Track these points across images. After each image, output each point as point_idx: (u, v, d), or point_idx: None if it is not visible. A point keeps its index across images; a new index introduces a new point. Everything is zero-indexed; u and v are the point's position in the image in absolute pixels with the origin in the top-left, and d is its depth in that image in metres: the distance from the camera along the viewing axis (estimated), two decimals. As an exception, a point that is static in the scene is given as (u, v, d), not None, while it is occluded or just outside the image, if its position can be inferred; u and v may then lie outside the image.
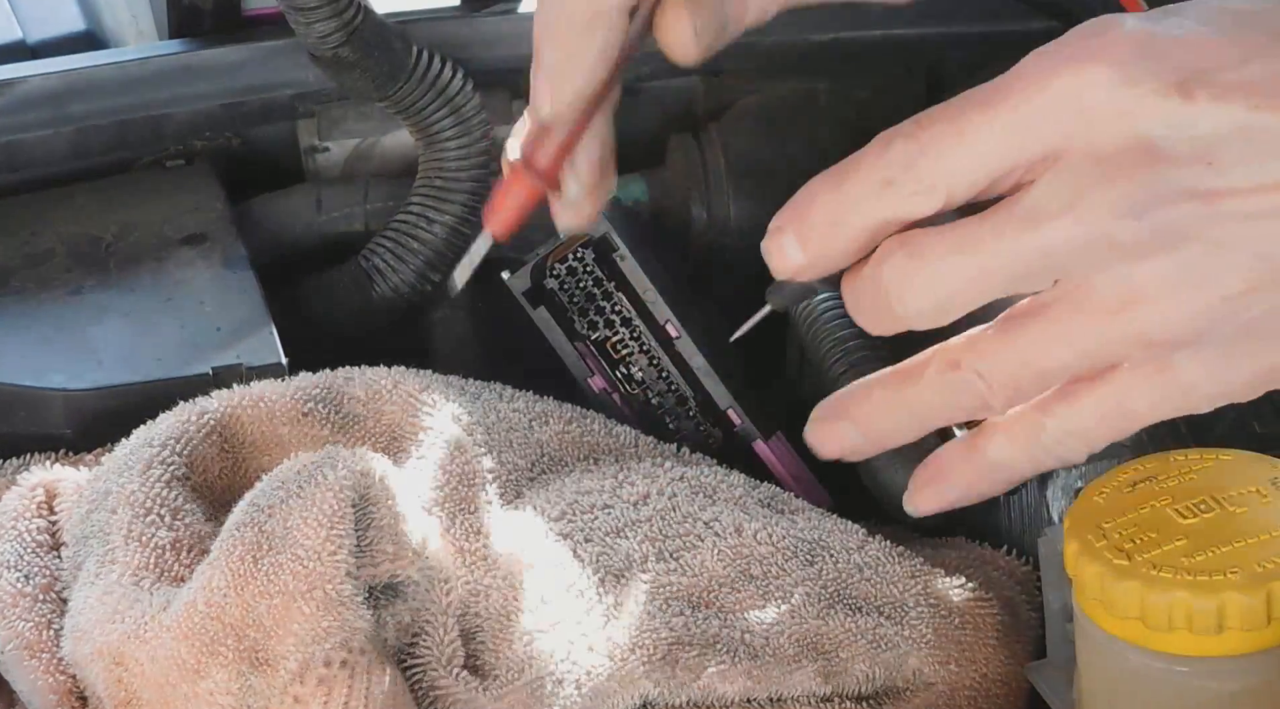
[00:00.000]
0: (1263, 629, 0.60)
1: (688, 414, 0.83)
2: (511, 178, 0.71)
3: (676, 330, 0.82)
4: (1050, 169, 0.63)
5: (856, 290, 0.67)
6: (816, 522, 0.74)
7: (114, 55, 0.99)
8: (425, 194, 0.93)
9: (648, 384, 0.83)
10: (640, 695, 0.68)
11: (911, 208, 0.65)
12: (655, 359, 0.83)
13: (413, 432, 0.77)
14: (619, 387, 0.83)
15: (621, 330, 0.83)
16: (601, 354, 0.83)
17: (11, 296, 0.87)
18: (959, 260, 0.65)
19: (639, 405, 0.83)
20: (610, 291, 0.83)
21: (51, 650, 0.70)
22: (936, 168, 0.64)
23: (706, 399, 0.83)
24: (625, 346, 0.83)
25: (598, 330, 0.83)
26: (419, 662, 0.68)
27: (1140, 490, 0.64)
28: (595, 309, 0.83)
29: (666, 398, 0.83)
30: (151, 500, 0.71)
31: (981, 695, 0.71)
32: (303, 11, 0.87)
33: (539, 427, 0.78)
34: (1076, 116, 0.63)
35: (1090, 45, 0.63)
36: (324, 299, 0.93)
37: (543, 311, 0.83)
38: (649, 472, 0.76)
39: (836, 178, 0.66)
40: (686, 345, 0.83)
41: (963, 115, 0.64)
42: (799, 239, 0.67)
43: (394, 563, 0.67)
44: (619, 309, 0.83)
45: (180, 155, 0.96)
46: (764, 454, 0.82)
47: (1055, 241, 0.63)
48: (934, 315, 0.66)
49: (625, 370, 0.83)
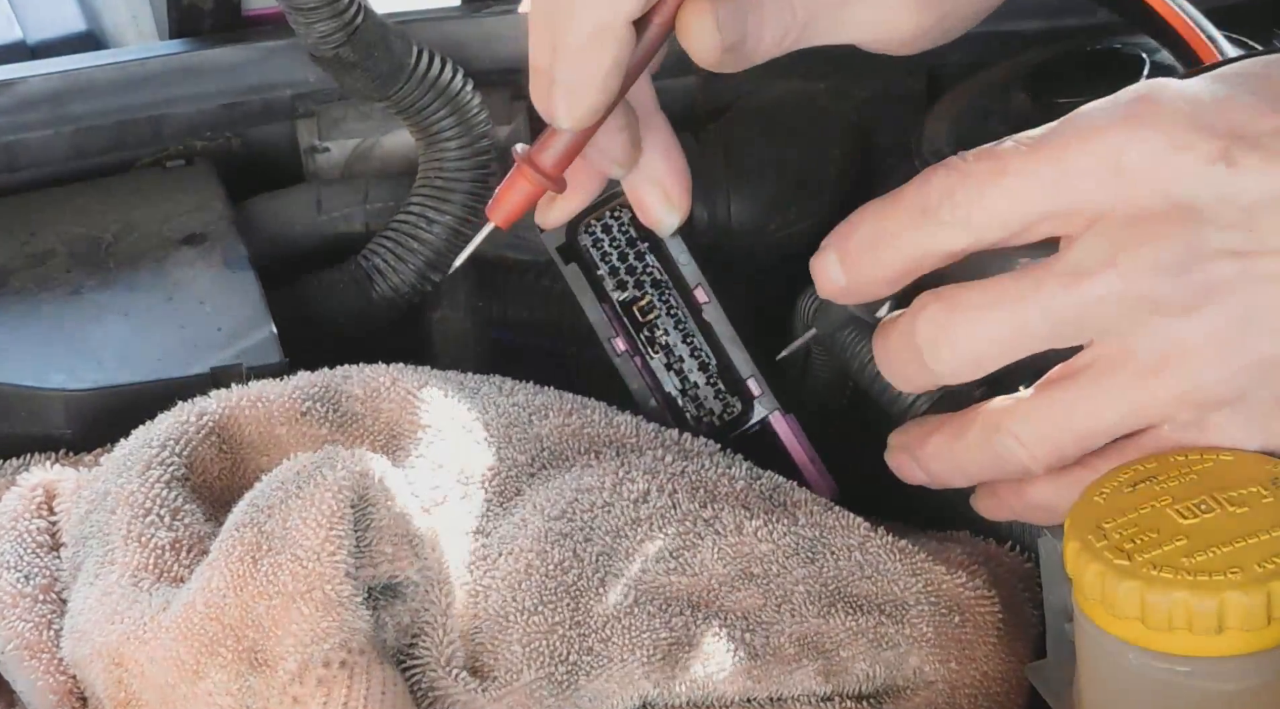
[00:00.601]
0: (1263, 629, 0.60)
1: (708, 381, 0.83)
2: (518, 174, 0.74)
3: (706, 296, 0.83)
4: (1091, 227, 0.64)
5: (889, 343, 0.69)
6: (818, 517, 0.74)
7: (114, 55, 0.99)
8: (425, 194, 0.93)
9: (671, 348, 0.83)
10: (640, 696, 0.68)
11: (944, 239, 0.66)
12: (681, 323, 0.83)
13: (411, 429, 0.77)
14: (642, 350, 0.83)
15: (650, 293, 0.83)
16: (627, 315, 0.83)
17: (11, 296, 0.87)
18: (997, 315, 0.66)
19: (660, 369, 0.83)
20: (643, 253, 0.83)
21: (51, 651, 0.70)
22: (973, 202, 0.65)
23: (728, 367, 0.83)
24: (653, 309, 0.83)
25: (626, 291, 0.83)
26: (418, 662, 0.68)
27: (1140, 490, 0.64)
28: (627, 269, 0.83)
29: (689, 363, 0.83)
30: (151, 501, 0.71)
31: (982, 694, 0.71)
32: (303, 11, 0.86)
33: (539, 420, 0.78)
34: (1120, 177, 0.64)
35: (1140, 109, 0.64)
36: (324, 299, 0.92)
37: (574, 268, 0.83)
38: (650, 467, 0.76)
39: (881, 203, 0.68)
40: (714, 312, 0.83)
41: (1007, 157, 0.65)
42: (841, 261, 0.69)
43: (393, 563, 0.67)
44: (650, 271, 0.83)
45: (180, 155, 0.96)
46: (779, 427, 0.82)
47: (1095, 299, 0.64)
48: (968, 370, 0.67)
49: (650, 334, 0.83)
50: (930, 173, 0.67)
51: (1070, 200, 0.65)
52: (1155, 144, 0.63)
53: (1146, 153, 0.63)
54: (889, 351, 0.69)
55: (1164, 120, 0.63)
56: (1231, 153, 0.63)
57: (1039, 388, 0.67)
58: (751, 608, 0.71)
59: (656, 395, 0.83)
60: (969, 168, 0.66)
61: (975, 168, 0.66)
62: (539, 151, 0.73)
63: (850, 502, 0.77)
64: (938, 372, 0.67)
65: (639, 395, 0.83)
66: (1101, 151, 0.64)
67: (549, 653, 0.68)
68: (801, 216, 0.95)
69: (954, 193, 0.66)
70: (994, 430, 0.68)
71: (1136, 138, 0.64)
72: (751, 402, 0.82)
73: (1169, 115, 0.64)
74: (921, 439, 0.71)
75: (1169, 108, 0.64)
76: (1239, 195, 0.63)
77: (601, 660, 0.68)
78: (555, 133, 0.73)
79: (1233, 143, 0.63)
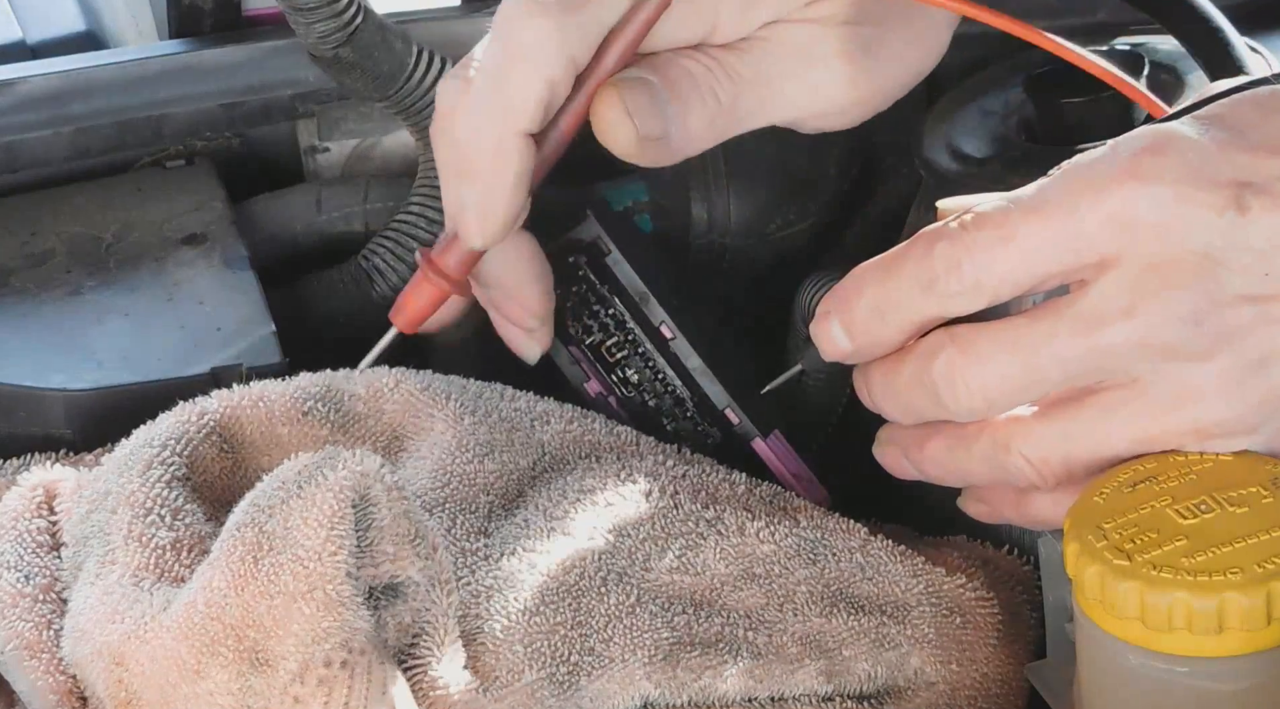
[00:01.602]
0: (1263, 629, 0.60)
1: (685, 415, 0.83)
2: (421, 279, 0.77)
3: (671, 331, 0.82)
4: (1105, 274, 0.64)
5: (898, 381, 0.69)
6: (819, 521, 0.74)
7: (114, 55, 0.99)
8: (425, 194, 0.93)
9: (644, 386, 0.83)
10: (640, 696, 0.68)
11: (955, 308, 0.66)
12: (651, 361, 0.83)
13: (414, 431, 0.77)
14: (615, 389, 0.83)
15: (616, 333, 0.83)
16: (596, 358, 0.83)
17: (11, 297, 0.87)
18: (1011, 359, 0.66)
19: (636, 408, 0.83)
20: (604, 295, 0.83)
21: (51, 651, 0.70)
22: (981, 271, 0.65)
23: (704, 399, 0.83)
24: (620, 349, 0.83)
25: (592, 335, 0.83)
26: (419, 662, 0.68)
27: (1140, 490, 0.64)
28: (589, 313, 0.83)
29: (664, 399, 0.83)
30: (152, 501, 0.71)
31: (982, 695, 0.71)
32: (303, 12, 0.86)
33: (540, 426, 0.78)
34: (1131, 232, 0.64)
35: (1144, 163, 0.64)
36: (324, 299, 0.92)
37: None
38: (651, 469, 0.76)
39: (881, 271, 0.68)
40: (682, 346, 0.82)
41: (1010, 221, 0.65)
42: (845, 328, 0.69)
43: (394, 563, 0.67)
44: (613, 312, 0.83)
45: (180, 155, 0.96)
46: (763, 453, 0.82)
47: (1111, 346, 0.64)
48: (982, 411, 0.67)
49: (621, 374, 0.83)
50: (931, 242, 0.66)
51: (1081, 257, 0.64)
52: (1164, 197, 0.63)
53: (1156, 207, 0.63)
54: (896, 389, 0.69)
55: (1170, 173, 0.63)
56: (1241, 200, 0.63)
57: (1049, 409, 0.67)
58: (754, 607, 0.71)
59: None
60: (972, 237, 0.65)
61: (979, 237, 0.65)
62: (441, 255, 0.75)
63: (845, 505, 0.77)
64: (953, 410, 0.67)
65: None
66: (1110, 209, 0.64)
67: (550, 653, 0.68)
68: (801, 217, 0.95)
69: (960, 264, 0.65)
70: (1003, 449, 0.68)
71: (1144, 194, 0.63)
72: (731, 430, 0.82)
73: (1174, 168, 0.63)
74: (919, 442, 0.70)
75: (1174, 160, 0.63)
76: (1252, 240, 0.63)
77: (603, 661, 0.68)
78: (454, 241, 0.75)
79: (1240, 190, 0.63)
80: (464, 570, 0.71)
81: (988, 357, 0.66)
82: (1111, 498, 0.64)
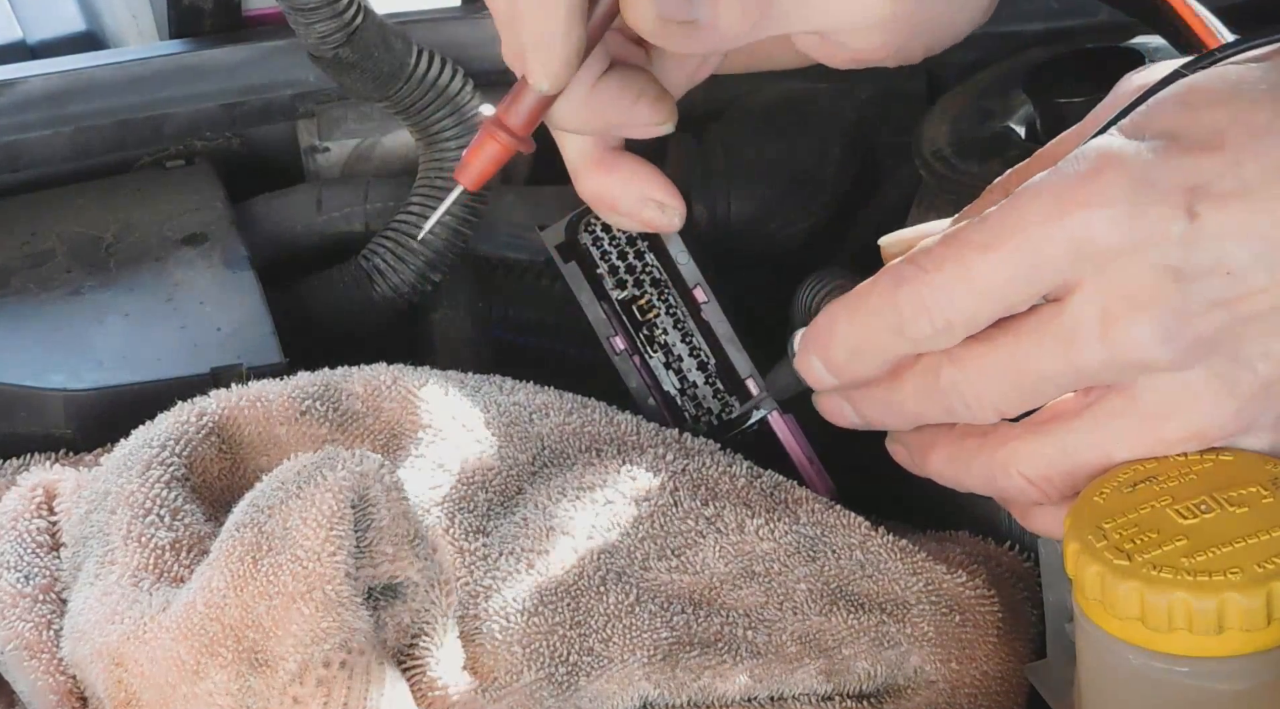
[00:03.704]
0: (1263, 629, 0.60)
1: (707, 380, 0.83)
2: (485, 135, 0.74)
3: (705, 295, 0.82)
4: (1074, 294, 0.65)
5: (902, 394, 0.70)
6: (819, 516, 0.74)
7: (114, 55, 0.99)
8: (425, 194, 0.93)
9: (670, 347, 0.83)
10: (640, 696, 0.68)
11: (928, 346, 0.67)
12: (681, 324, 0.83)
13: (412, 429, 0.77)
14: (641, 348, 0.83)
15: (650, 291, 0.83)
16: (626, 314, 0.83)
17: (11, 296, 0.87)
18: (1004, 376, 0.67)
19: (659, 367, 0.83)
20: (642, 252, 0.83)
21: (51, 651, 0.70)
22: (950, 313, 0.66)
23: (727, 367, 0.82)
24: (651, 309, 0.83)
25: (626, 290, 0.83)
26: (419, 663, 0.68)
27: (1140, 490, 0.64)
28: (626, 268, 0.83)
29: (687, 362, 0.83)
30: (151, 501, 0.71)
31: (982, 693, 0.71)
32: (303, 12, 0.86)
33: (539, 419, 0.78)
34: (1089, 258, 0.64)
35: (1088, 188, 0.64)
36: (324, 299, 0.93)
37: (573, 267, 0.83)
38: (651, 464, 0.76)
39: (851, 310, 0.69)
40: (713, 311, 0.82)
41: (968, 257, 0.65)
42: (826, 365, 0.70)
43: (393, 564, 0.67)
44: (650, 270, 0.83)
45: (180, 155, 0.96)
46: (778, 427, 0.82)
47: (1089, 365, 0.65)
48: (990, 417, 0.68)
49: (649, 332, 0.83)
50: (894, 283, 0.67)
51: (1046, 283, 0.65)
52: (1117, 214, 0.63)
53: (1111, 226, 0.63)
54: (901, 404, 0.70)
55: (1118, 190, 0.63)
56: (1191, 207, 0.63)
57: (1045, 425, 0.67)
58: (753, 606, 0.71)
59: (655, 394, 0.82)
60: (932, 279, 0.66)
61: (938, 278, 0.66)
62: (505, 111, 0.74)
63: (849, 500, 0.77)
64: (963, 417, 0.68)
65: (637, 394, 0.83)
66: (1067, 233, 0.64)
67: (549, 653, 0.68)
68: (801, 216, 0.95)
69: (927, 309, 0.66)
70: (1002, 472, 0.68)
71: (1097, 215, 0.63)
72: (750, 401, 0.82)
73: (1121, 186, 0.63)
74: (923, 451, 0.71)
75: (1118, 178, 0.64)
76: (1208, 245, 0.63)
77: (602, 661, 0.68)
78: (520, 92, 0.73)
79: (1188, 196, 0.63)
80: (463, 570, 0.71)
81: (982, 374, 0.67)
82: (1111, 498, 0.64)
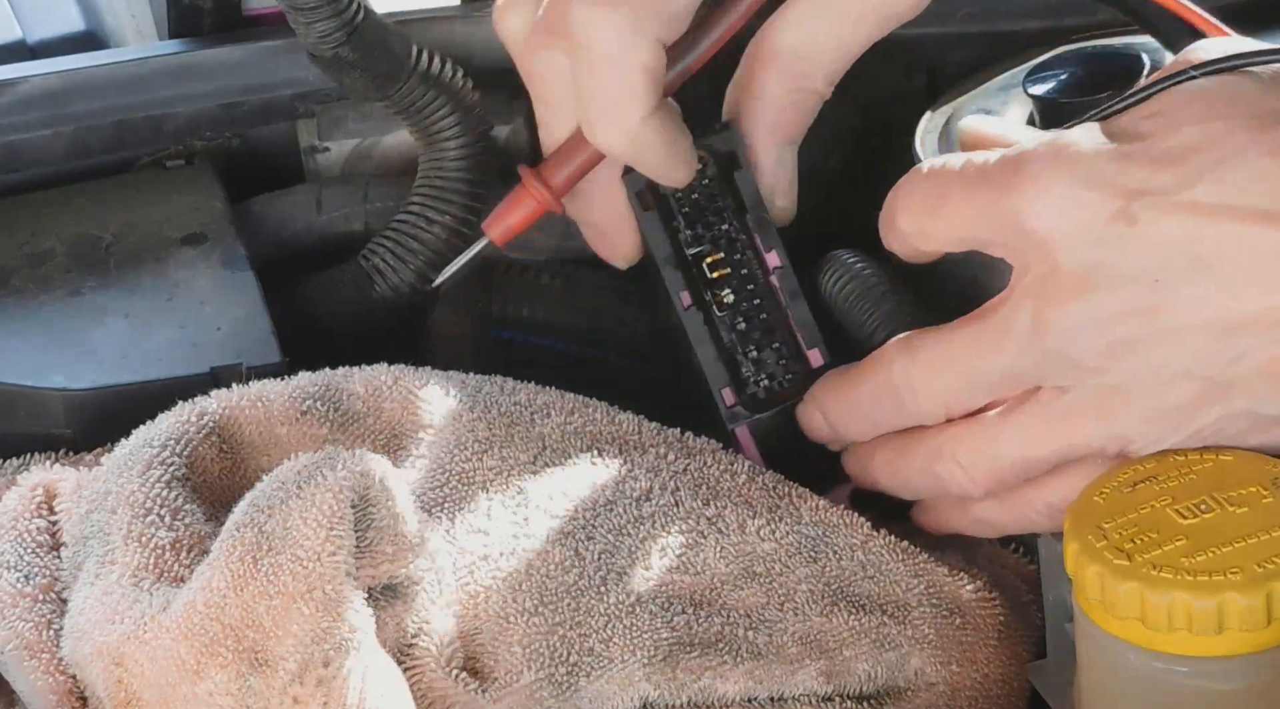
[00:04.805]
0: (1263, 629, 0.60)
1: (771, 345, 0.81)
2: (523, 191, 0.76)
3: (780, 260, 0.81)
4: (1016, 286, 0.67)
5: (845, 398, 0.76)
6: (821, 515, 0.74)
7: (114, 55, 0.99)
8: (425, 194, 0.92)
9: (738, 307, 0.81)
10: (640, 697, 0.68)
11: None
12: (751, 285, 0.81)
13: (413, 429, 0.77)
14: (707, 307, 0.81)
15: (723, 250, 0.82)
16: (697, 269, 0.82)
17: (11, 296, 0.87)
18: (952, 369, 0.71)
19: (726, 329, 0.81)
20: (722, 208, 0.82)
21: (51, 651, 0.70)
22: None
23: (791, 335, 0.81)
24: (723, 267, 0.82)
25: (701, 245, 0.82)
26: (418, 663, 0.68)
27: (1140, 490, 0.64)
28: (704, 223, 0.82)
29: (753, 326, 0.81)
30: (151, 501, 0.71)
31: (983, 695, 0.71)
32: (303, 11, 0.86)
33: (540, 419, 0.78)
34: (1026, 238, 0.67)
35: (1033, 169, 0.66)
36: (324, 299, 0.92)
37: (652, 215, 0.81)
38: (652, 465, 0.76)
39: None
40: (787, 277, 0.81)
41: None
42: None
43: (394, 564, 0.67)
44: (726, 228, 0.82)
45: (180, 155, 0.96)
46: None
47: (1023, 361, 0.68)
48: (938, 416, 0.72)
49: (717, 291, 0.82)
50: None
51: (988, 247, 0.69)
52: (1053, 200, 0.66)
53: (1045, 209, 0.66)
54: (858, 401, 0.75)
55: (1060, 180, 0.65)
56: (1129, 211, 0.64)
57: (981, 420, 0.70)
58: (754, 607, 0.71)
59: (719, 351, 0.81)
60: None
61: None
62: (553, 168, 0.74)
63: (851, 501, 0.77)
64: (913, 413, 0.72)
65: (700, 349, 0.80)
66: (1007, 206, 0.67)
67: (549, 654, 0.68)
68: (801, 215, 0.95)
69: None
70: (938, 457, 0.71)
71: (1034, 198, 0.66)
72: (809, 373, 0.81)
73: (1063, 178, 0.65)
74: (869, 453, 0.75)
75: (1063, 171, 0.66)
76: (1141, 252, 0.64)
77: (602, 661, 0.68)
78: (566, 152, 0.73)
79: (1129, 201, 0.64)
80: (463, 570, 0.71)
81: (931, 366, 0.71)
82: (1111, 498, 0.64)
